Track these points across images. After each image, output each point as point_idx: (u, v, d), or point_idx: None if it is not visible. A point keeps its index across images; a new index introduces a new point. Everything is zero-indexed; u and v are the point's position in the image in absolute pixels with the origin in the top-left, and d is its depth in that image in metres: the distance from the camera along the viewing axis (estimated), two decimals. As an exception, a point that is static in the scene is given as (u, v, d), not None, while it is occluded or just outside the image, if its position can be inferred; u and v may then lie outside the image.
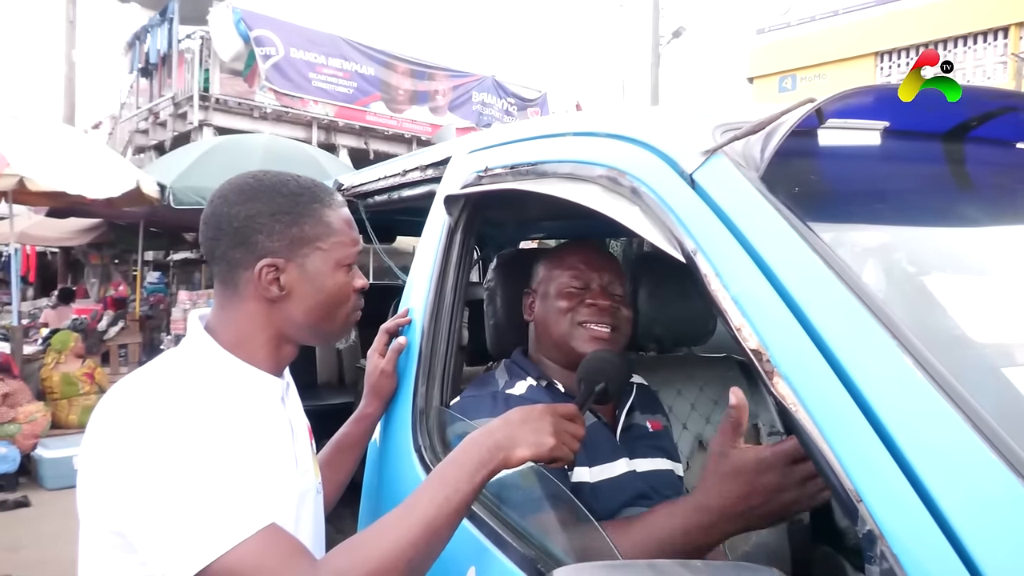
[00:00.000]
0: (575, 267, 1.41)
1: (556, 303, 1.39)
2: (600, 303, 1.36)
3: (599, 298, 1.37)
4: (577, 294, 1.38)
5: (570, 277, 1.40)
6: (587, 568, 0.66)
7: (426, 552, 0.89)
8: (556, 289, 1.40)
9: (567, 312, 1.37)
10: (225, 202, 1.04)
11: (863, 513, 0.65)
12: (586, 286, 1.39)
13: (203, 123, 10.71)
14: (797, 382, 0.74)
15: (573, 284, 1.39)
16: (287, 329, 1.08)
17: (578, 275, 1.40)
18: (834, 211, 1.01)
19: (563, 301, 1.38)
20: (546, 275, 1.45)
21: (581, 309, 1.37)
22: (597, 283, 1.40)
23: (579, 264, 1.41)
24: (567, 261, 1.43)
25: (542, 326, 1.43)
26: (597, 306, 1.36)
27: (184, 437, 0.87)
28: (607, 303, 1.37)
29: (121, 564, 0.91)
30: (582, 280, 1.39)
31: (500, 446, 0.94)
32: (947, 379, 0.67)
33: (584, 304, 1.37)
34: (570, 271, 1.41)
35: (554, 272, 1.43)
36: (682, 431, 1.76)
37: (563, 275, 1.41)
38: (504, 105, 13.71)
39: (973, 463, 0.62)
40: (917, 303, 0.91)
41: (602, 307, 1.36)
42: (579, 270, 1.40)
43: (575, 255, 1.44)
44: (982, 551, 0.58)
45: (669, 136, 1.05)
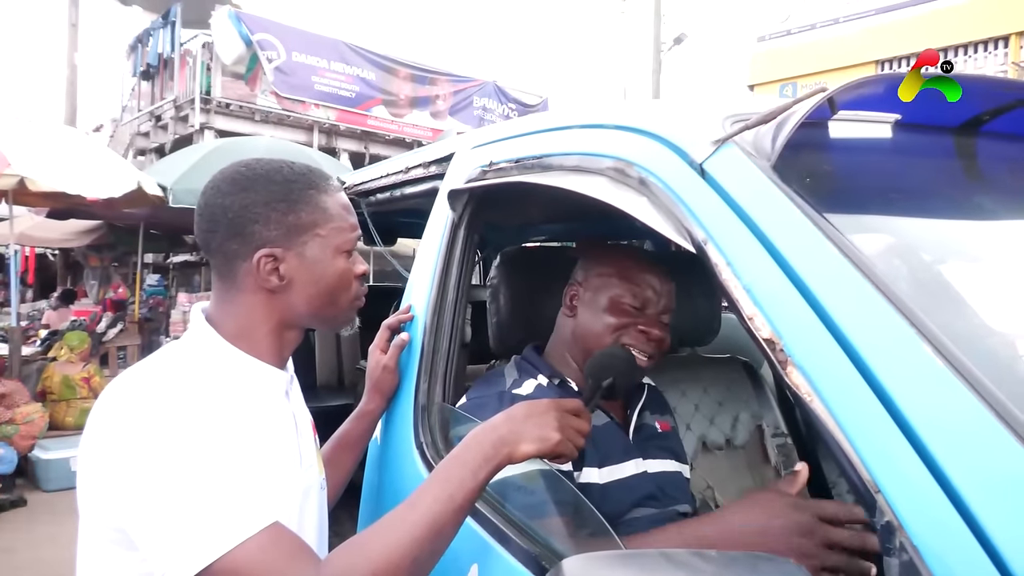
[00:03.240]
0: (639, 284, 1.31)
1: (606, 317, 1.30)
2: (653, 333, 1.29)
3: (653, 327, 1.29)
4: (631, 313, 1.30)
5: (630, 293, 1.31)
6: (597, 557, 0.64)
7: (431, 550, 0.88)
8: (610, 299, 1.31)
9: (615, 330, 1.29)
10: (218, 193, 1.02)
11: (881, 504, 0.63)
12: (642, 307, 1.31)
13: (204, 126, 10.71)
14: (812, 371, 0.72)
15: (631, 302, 1.31)
16: (289, 318, 1.06)
17: (639, 294, 1.31)
18: (847, 201, 1.00)
19: (614, 317, 1.30)
20: (600, 277, 1.35)
21: (631, 332, 1.29)
22: (654, 309, 1.32)
23: (643, 283, 1.32)
24: (632, 274, 1.33)
25: (582, 328, 1.34)
26: (648, 335, 1.29)
27: (187, 431, 0.86)
28: (659, 334, 1.30)
29: (121, 561, 0.90)
30: (641, 300, 1.31)
31: (504, 441, 0.92)
32: (967, 367, 0.65)
33: (636, 328, 1.29)
34: (632, 286, 1.31)
35: (612, 279, 1.33)
36: (686, 432, 1.75)
37: (622, 286, 1.32)
38: (505, 110, 13.72)
39: (996, 452, 0.61)
40: (933, 291, 0.89)
41: (653, 336, 1.29)
42: (641, 288, 1.31)
43: (640, 270, 1.33)
44: (1006, 541, 0.57)
45: (678, 126, 1.04)
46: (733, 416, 1.82)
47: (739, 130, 0.94)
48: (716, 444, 1.79)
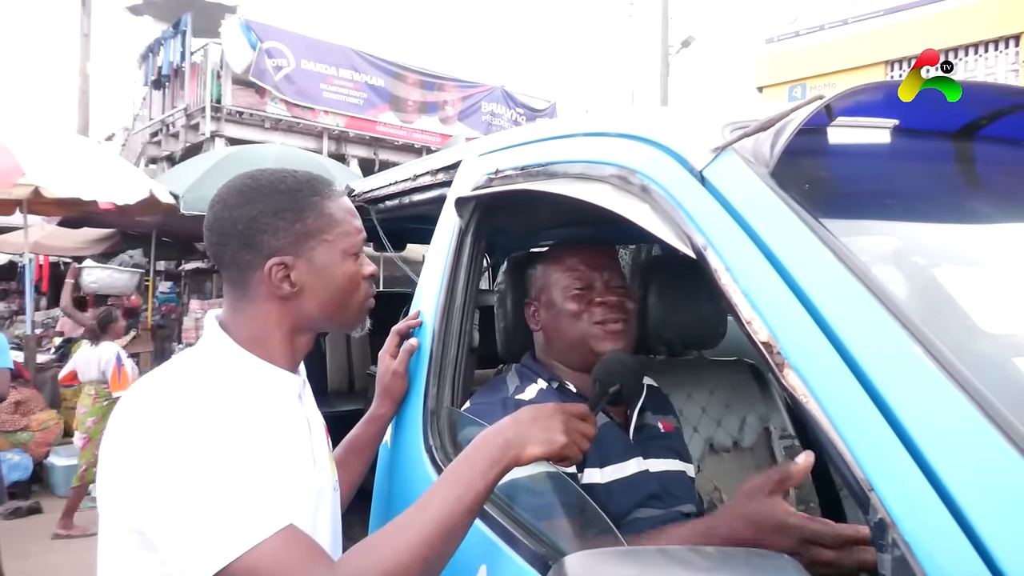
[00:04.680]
0: (575, 268, 1.40)
1: (565, 307, 1.38)
2: (609, 299, 1.36)
3: (607, 295, 1.37)
4: (583, 295, 1.37)
5: (572, 279, 1.39)
6: (598, 554, 0.66)
7: (441, 551, 0.89)
8: (561, 293, 1.39)
9: (579, 314, 1.36)
10: (225, 206, 1.05)
11: (874, 502, 0.65)
12: (589, 285, 1.38)
13: (215, 134, 10.79)
14: (808, 373, 0.74)
15: (576, 286, 1.38)
16: (302, 323, 1.08)
17: (580, 276, 1.39)
18: (844, 206, 1.02)
19: (572, 304, 1.37)
20: (545, 282, 1.44)
21: (593, 309, 1.36)
22: (600, 281, 1.39)
23: (578, 265, 1.40)
24: (565, 263, 1.41)
25: (553, 331, 1.41)
26: (607, 303, 1.36)
27: (204, 436, 0.88)
28: (615, 298, 1.37)
29: (141, 563, 0.92)
30: (584, 280, 1.38)
31: (511, 444, 0.94)
32: (959, 369, 0.67)
33: (594, 304, 1.36)
34: (570, 273, 1.40)
35: (553, 277, 1.42)
36: (693, 434, 1.75)
37: (564, 278, 1.40)
38: (513, 115, 13.75)
39: (985, 451, 0.62)
40: (927, 295, 0.91)
41: (611, 303, 1.36)
42: (579, 271, 1.39)
43: (571, 256, 1.42)
44: (994, 538, 0.58)
45: (679, 134, 1.05)
46: (740, 418, 1.83)
47: (738, 137, 0.95)
48: (723, 446, 1.80)
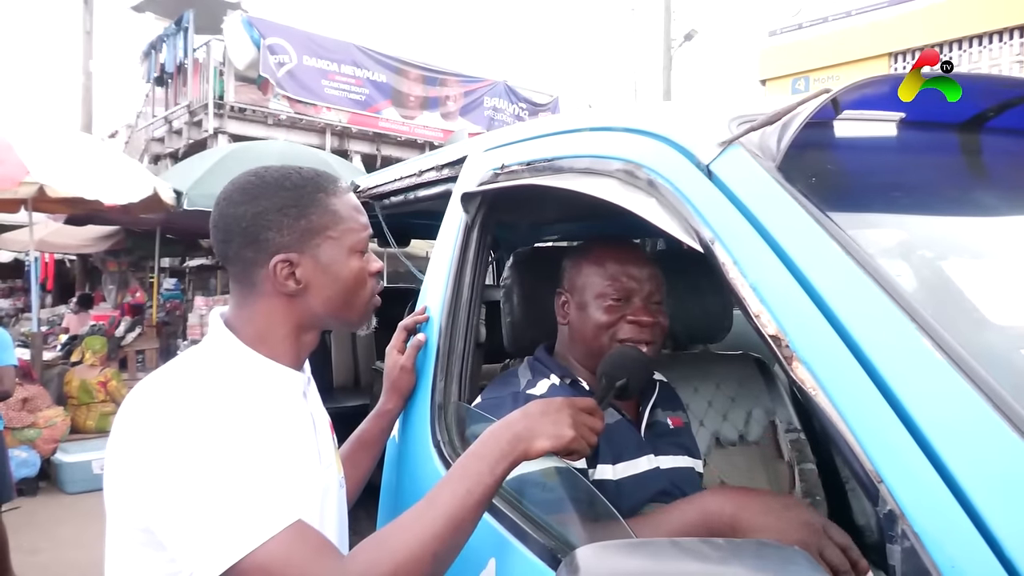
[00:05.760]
0: (615, 277, 1.32)
1: (595, 316, 1.32)
2: (643, 320, 1.29)
3: (642, 314, 1.30)
4: (617, 307, 1.31)
5: (610, 287, 1.31)
6: (609, 546, 0.67)
7: (451, 544, 0.90)
8: (594, 298, 1.33)
9: (608, 328, 1.31)
10: (231, 203, 1.05)
11: (884, 493, 0.65)
12: (627, 298, 1.31)
13: (218, 131, 10.78)
14: (816, 366, 0.74)
15: (613, 296, 1.31)
16: (307, 320, 1.09)
17: (619, 287, 1.31)
18: (851, 199, 1.02)
19: (603, 315, 1.31)
20: (581, 278, 1.37)
21: (623, 326, 1.30)
22: (639, 296, 1.32)
23: (620, 275, 1.32)
24: (607, 268, 1.33)
25: (578, 333, 1.36)
26: (639, 323, 1.29)
27: (210, 434, 0.88)
28: (650, 320, 1.30)
29: (149, 561, 0.92)
30: (623, 291, 1.31)
31: (520, 437, 0.94)
32: (966, 360, 0.67)
33: (626, 321, 1.30)
34: (610, 281, 1.32)
35: (591, 278, 1.34)
36: (699, 428, 1.76)
37: (601, 283, 1.33)
38: (515, 110, 13.72)
39: (993, 442, 0.63)
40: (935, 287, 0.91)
41: (645, 324, 1.29)
42: (620, 281, 1.31)
43: (614, 262, 1.34)
44: (1004, 528, 0.59)
45: (685, 128, 1.06)
46: (746, 412, 1.83)
47: (745, 131, 0.95)
48: (729, 440, 1.80)
